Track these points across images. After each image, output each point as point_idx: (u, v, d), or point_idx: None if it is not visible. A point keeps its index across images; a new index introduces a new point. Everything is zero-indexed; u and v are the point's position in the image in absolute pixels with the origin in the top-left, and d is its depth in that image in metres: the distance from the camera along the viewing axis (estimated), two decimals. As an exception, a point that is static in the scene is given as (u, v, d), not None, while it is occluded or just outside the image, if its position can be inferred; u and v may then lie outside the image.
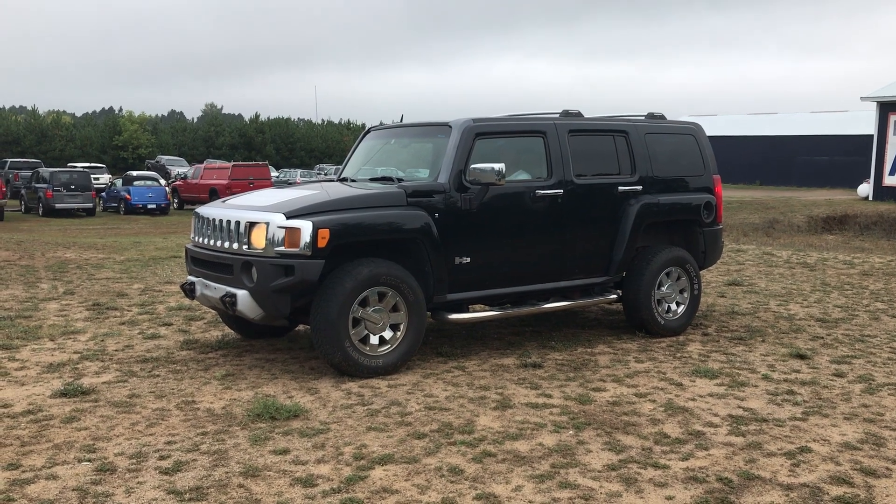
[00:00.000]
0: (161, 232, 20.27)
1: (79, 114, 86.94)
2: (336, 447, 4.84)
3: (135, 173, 32.67)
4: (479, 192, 6.74)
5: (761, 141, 50.05)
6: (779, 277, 12.04)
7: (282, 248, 6.03)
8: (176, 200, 32.49)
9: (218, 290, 6.45)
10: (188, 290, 6.96)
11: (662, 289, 7.92)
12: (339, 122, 78.67)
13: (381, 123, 8.33)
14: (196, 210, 7.23)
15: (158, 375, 6.39)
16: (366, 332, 6.31)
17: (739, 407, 5.70)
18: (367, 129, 8.31)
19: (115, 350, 7.21)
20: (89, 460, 4.61)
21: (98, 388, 5.99)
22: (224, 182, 29.04)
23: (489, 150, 6.92)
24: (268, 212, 6.24)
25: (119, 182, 31.75)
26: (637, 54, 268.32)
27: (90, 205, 28.63)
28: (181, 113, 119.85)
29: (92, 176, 31.37)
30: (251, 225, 6.23)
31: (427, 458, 4.68)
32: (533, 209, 7.13)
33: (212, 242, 6.66)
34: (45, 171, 29.73)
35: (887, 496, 4.23)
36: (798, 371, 6.68)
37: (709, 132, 9.31)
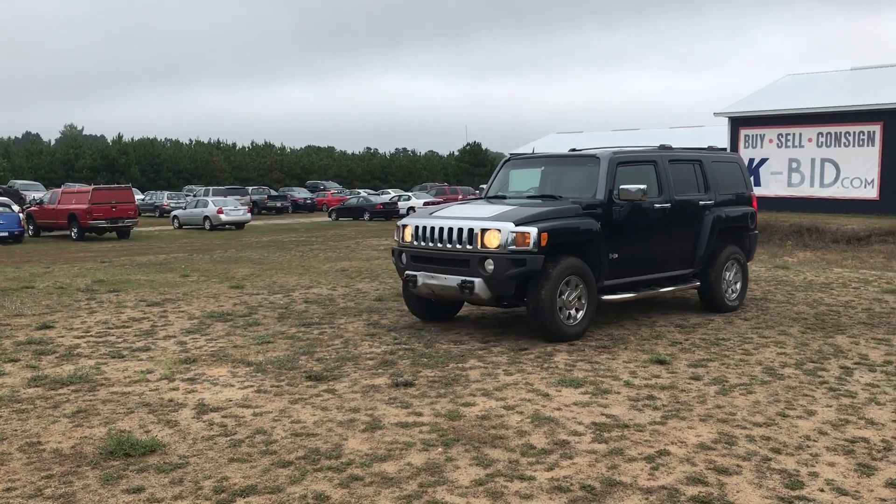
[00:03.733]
0: (14, 261, 18.97)
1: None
2: (195, 481, 4.62)
3: (-16, 199, 30.53)
4: (626, 206, 9.03)
5: (625, 155, 52.10)
6: (642, 286, 12.51)
7: (513, 247, 8.16)
8: (31, 227, 30.58)
9: (450, 279, 8.55)
10: (412, 281, 8.93)
11: (727, 278, 10.31)
12: (209, 142, 76.51)
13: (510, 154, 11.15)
14: (404, 222, 9.30)
15: (0, 416, 5.92)
16: (563, 308, 8.38)
17: (603, 414, 5.84)
18: (507, 157, 10.76)
19: (-47, 391, 6.64)
20: (-85, 515, 4.20)
21: (-71, 435, 5.48)
22: (84, 206, 27.53)
23: (624, 175, 9.22)
24: (497, 221, 8.37)
25: (-34, 209, 29.56)
26: (525, 71, 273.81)
27: (-67, 234, 26.50)
28: (37, 135, 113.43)
29: (-66, 203, 29.04)
30: (483, 231, 8.33)
31: (292, 487, 4.54)
32: (653, 218, 9.51)
33: (440, 245, 8.74)
34: None
35: (738, 492, 4.42)
36: (658, 376, 6.93)
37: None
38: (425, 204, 42.92)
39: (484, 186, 12.21)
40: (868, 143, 31.13)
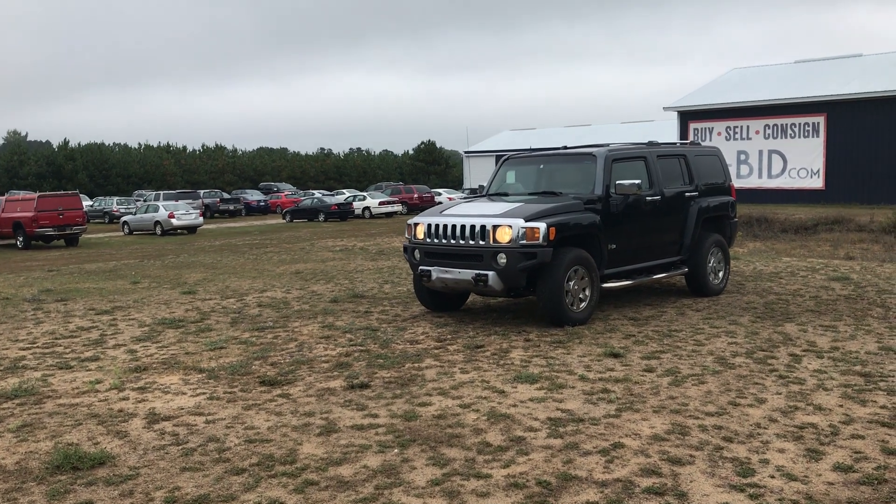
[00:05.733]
0: (-44, 272, 18.42)
1: None
2: (146, 493, 4.52)
3: (-76, 209, 29.55)
4: (623, 200, 9.68)
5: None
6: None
7: (524, 241, 8.65)
8: (-25, 237, 29.70)
9: (464, 273, 9.03)
10: (426, 275, 9.40)
11: (711, 263, 10.94)
12: (159, 146, 75.26)
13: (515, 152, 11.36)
14: (416, 220, 9.74)
15: (-58, 433, 5.73)
16: (570, 296, 8.88)
17: (558, 409, 5.87)
18: (505, 157, 11.25)
19: None
20: None
21: None
22: (30, 214, 26.87)
23: (619, 171, 9.85)
24: (507, 217, 8.86)
25: None
26: (484, 68, 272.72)
27: None
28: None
29: None
30: (495, 227, 8.80)
31: (246, 495, 4.47)
32: (645, 210, 10.09)
33: (452, 241, 9.17)
34: None
35: (691, 482, 4.47)
36: (612, 369, 6.99)
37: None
38: (380, 203, 42.76)
39: (474, 186, 13.82)
40: (813, 134, 31.79)
